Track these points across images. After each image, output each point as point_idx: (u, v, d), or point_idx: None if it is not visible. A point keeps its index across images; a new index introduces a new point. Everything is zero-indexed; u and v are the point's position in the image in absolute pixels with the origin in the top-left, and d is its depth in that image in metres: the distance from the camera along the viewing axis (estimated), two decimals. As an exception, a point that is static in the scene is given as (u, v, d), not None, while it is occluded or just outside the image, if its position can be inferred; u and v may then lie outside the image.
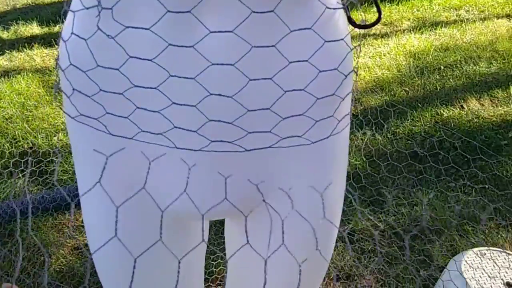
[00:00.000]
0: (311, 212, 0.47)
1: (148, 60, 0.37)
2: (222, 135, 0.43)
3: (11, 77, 2.60)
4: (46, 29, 3.24)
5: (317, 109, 0.44)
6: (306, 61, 0.39)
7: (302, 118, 0.43)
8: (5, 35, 3.17)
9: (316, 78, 0.41)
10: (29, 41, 3.05)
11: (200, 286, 0.69)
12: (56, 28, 3.20)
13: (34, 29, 3.24)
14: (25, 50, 2.93)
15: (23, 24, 3.25)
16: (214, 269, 1.50)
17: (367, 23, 0.41)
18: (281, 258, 0.49)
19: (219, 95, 0.39)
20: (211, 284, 1.48)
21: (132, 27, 0.36)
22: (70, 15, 0.43)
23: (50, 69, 2.73)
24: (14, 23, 3.26)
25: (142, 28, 0.36)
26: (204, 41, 0.38)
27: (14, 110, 2.32)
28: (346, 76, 0.44)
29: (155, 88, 0.39)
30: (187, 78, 0.38)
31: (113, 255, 0.50)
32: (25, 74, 2.62)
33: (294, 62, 0.39)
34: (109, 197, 0.45)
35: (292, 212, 0.47)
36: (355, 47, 0.43)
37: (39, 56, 2.92)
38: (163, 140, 0.44)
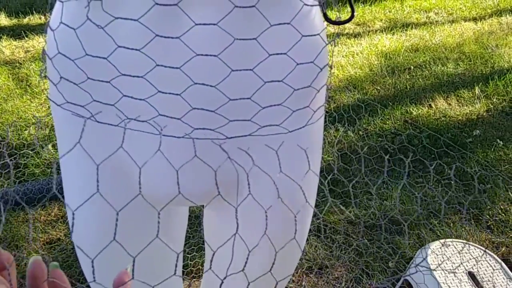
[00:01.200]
0: (286, 191, 0.50)
1: (136, 50, 0.39)
2: (205, 123, 0.45)
3: (-21, 69, 2.53)
4: (15, 21, 3.15)
5: (294, 99, 0.47)
6: (285, 54, 0.42)
7: (280, 108, 0.46)
8: (-29, 26, 3.07)
9: (293, 70, 0.44)
10: (-3, 33, 2.97)
11: (178, 273, 0.71)
12: (25, 20, 3.12)
13: (2, 20, 3.14)
14: (-9, 42, 2.85)
15: (-10, 15, 3.15)
16: (190, 262, 1.51)
17: (341, 20, 0.44)
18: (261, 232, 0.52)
19: (203, 84, 0.41)
20: (186, 276, 1.50)
21: (121, 18, 0.38)
22: (58, 4, 0.44)
23: (20, 61, 2.66)
24: (-19, 14, 3.16)
25: (131, 19, 0.38)
26: (190, 33, 0.40)
27: (-18, 103, 2.27)
28: (321, 69, 0.47)
29: (141, 77, 0.41)
30: (172, 67, 0.40)
31: (93, 235, 0.52)
32: (-7, 67, 2.56)
33: (273, 54, 0.42)
34: (96, 182, 0.46)
35: (268, 191, 0.49)
36: (330, 41, 0.46)
37: (8, 48, 2.84)
38: (148, 127, 0.45)
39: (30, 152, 1.88)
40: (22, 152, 1.88)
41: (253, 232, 0.54)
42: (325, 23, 0.48)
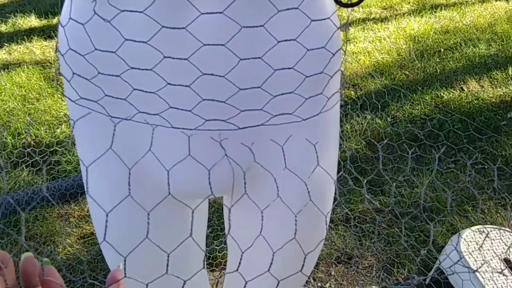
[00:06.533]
0: (304, 182, 0.49)
1: (143, 42, 0.39)
2: (216, 114, 0.44)
3: (11, 70, 2.61)
4: (44, 21, 3.24)
5: (307, 87, 0.46)
6: (294, 40, 0.41)
7: (292, 96, 0.45)
8: (3, 28, 3.17)
9: (304, 57, 0.43)
10: (28, 34, 3.05)
11: (199, 265, 0.71)
12: (54, 20, 3.19)
13: (32, 21, 3.23)
14: (24, 42, 2.94)
15: (21, 17, 3.24)
16: (218, 254, 1.52)
17: (352, 1, 0.42)
18: (279, 225, 0.51)
19: (212, 74, 0.41)
20: (215, 268, 1.51)
21: (127, 11, 0.38)
22: (67, 0, 0.45)
23: (50, 61, 2.73)
24: (12, 16, 3.25)
25: (136, 12, 0.38)
26: (196, 23, 0.40)
27: (15, 103, 2.34)
28: (333, 54, 0.46)
29: (150, 69, 0.41)
30: (180, 59, 0.40)
31: (115, 233, 0.52)
32: (25, 66, 2.63)
33: (282, 41, 0.41)
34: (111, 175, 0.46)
35: (285, 182, 0.48)
36: (342, 26, 0.44)
37: (39, 48, 2.92)
38: (160, 120, 0.45)
39: (59, 149, 1.93)
40: (52, 149, 1.93)
41: (273, 224, 0.53)
42: (336, 6, 0.46)
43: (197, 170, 0.48)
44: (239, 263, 0.45)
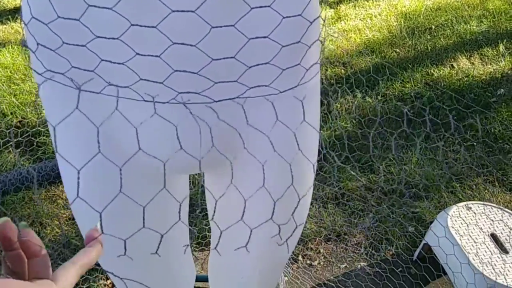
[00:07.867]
0: (284, 151, 0.48)
1: (107, 8, 0.37)
2: (189, 86, 0.42)
3: (-4, 51, 2.56)
4: (30, 1, 3.16)
5: (283, 57, 0.44)
6: (269, 6, 0.39)
7: (268, 67, 0.43)
8: (-13, 7, 3.09)
9: (280, 25, 0.41)
10: (13, 13, 2.98)
11: (185, 241, 0.70)
12: None
13: (17, 0, 3.15)
14: (9, 22, 2.87)
15: (6, -4, 3.16)
16: (207, 233, 1.52)
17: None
18: (260, 195, 0.50)
19: (182, 44, 0.39)
20: (204, 247, 1.51)
21: (88, -25, 0.36)
22: (27, -34, 0.42)
23: (36, 41, 2.67)
24: (-3, -5, 3.17)
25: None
26: (164, -12, 0.37)
27: (0, 84, 2.29)
28: (311, 23, 0.44)
29: (116, 38, 0.38)
30: (148, 27, 0.38)
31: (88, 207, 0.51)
32: (10, 47, 2.58)
33: (256, 8, 0.39)
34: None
35: (262, 149, 0.47)
36: (319, -8, 0.42)
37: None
38: (131, 94, 0.43)
39: (43, 130, 1.90)
40: (35, 130, 1.90)
41: (252, 189, 0.52)
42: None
43: (170, 145, 0.46)
44: (214, 212, 0.45)
